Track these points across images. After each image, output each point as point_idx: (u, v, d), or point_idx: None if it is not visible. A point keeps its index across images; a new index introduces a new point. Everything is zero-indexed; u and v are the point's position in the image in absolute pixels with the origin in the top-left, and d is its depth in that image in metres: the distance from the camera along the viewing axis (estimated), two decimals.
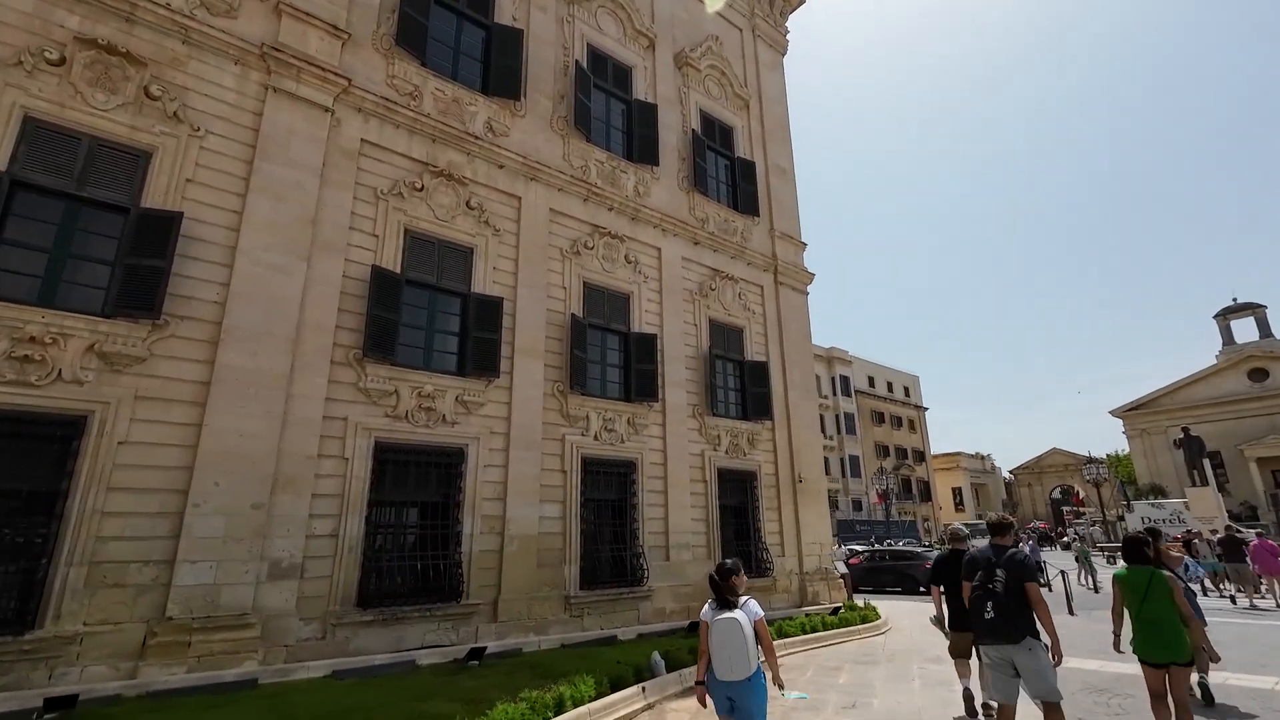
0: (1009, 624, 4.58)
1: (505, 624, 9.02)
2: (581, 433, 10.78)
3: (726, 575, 4.42)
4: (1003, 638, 4.61)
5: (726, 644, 4.06)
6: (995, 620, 4.64)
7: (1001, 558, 4.85)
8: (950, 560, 6.50)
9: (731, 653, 4.03)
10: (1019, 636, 4.55)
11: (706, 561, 11.95)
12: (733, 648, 4.03)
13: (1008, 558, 4.83)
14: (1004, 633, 4.61)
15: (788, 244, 16.19)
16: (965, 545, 6.60)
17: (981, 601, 4.77)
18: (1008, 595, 4.62)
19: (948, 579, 6.39)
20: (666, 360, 12.45)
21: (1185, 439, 23.26)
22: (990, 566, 4.86)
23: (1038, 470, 72.90)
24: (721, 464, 12.87)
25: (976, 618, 4.82)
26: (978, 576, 4.92)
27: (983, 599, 4.76)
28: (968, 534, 6.88)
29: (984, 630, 4.77)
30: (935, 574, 6.65)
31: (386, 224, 9.34)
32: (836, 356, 57.69)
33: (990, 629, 4.70)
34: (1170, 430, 46.78)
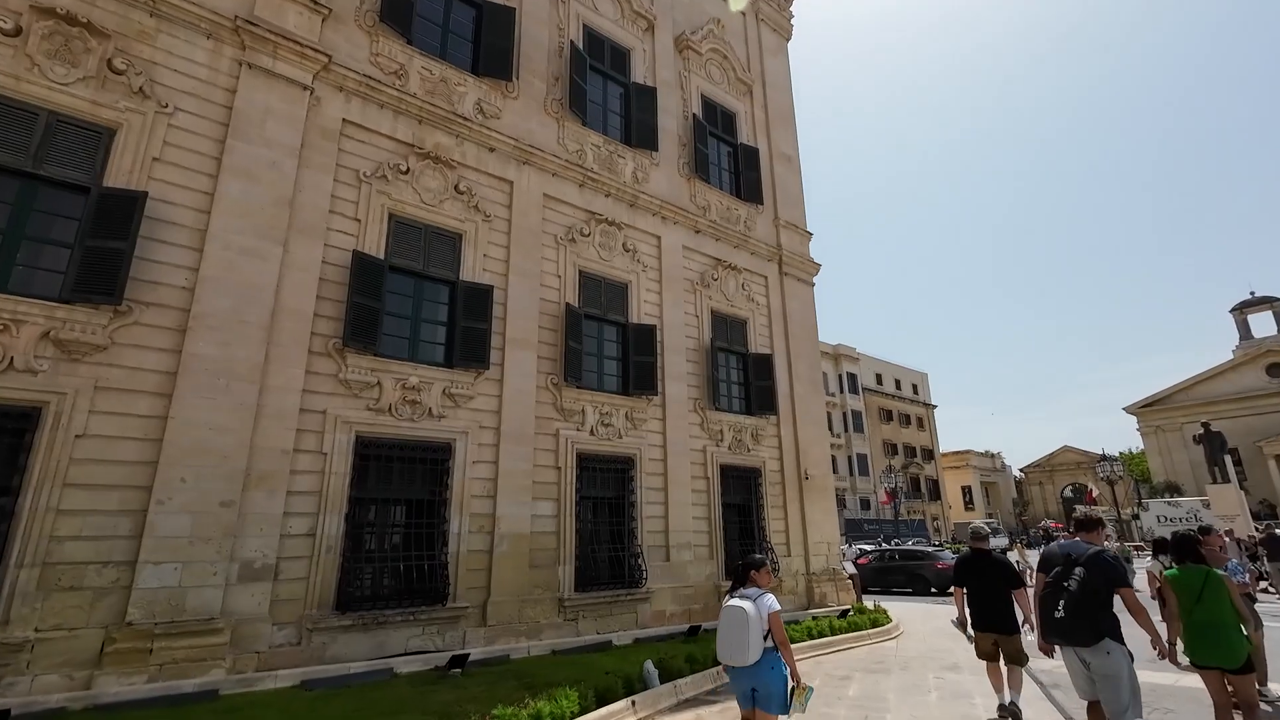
0: (1080, 624, 4.25)
1: (495, 628, 8.56)
2: (577, 427, 10.31)
3: (748, 569, 4.51)
4: (1073, 639, 4.31)
5: (727, 630, 4.16)
6: (1065, 620, 4.30)
7: (1083, 555, 4.46)
8: (973, 560, 6.26)
9: (730, 638, 4.12)
10: (1093, 639, 4.22)
11: (709, 562, 11.47)
12: (732, 633, 4.11)
13: (1092, 556, 4.43)
14: (1074, 633, 4.29)
15: (793, 233, 15.66)
16: (987, 544, 6.34)
17: (1052, 598, 4.43)
18: (1083, 594, 4.28)
19: (970, 580, 6.17)
20: (666, 352, 11.96)
21: (1206, 434, 22.50)
22: (1069, 563, 4.47)
23: (1049, 468, 71.91)
24: (724, 460, 12.37)
25: (1045, 615, 4.49)
26: (1054, 572, 4.55)
27: (1054, 596, 4.43)
28: (989, 532, 6.55)
29: (1051, 628, 4.45)
30: (957, 575, 6.36)
31: (369, 208, 8.90)
32: (844, 353, 56.98)
33: (1058, 628, 4.38)
34: (1186, 427, 45.87)
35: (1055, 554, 4.69)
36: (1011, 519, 68.68)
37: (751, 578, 4.45)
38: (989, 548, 6.37)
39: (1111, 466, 36.09)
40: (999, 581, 5.98)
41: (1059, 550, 4.70)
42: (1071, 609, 4.29)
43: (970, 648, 6.37)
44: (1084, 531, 4.79)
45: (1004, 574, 6.01)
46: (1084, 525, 4.84)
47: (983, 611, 5.97)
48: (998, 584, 5.97)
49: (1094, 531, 4.78)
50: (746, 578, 4.47)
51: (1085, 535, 4.75)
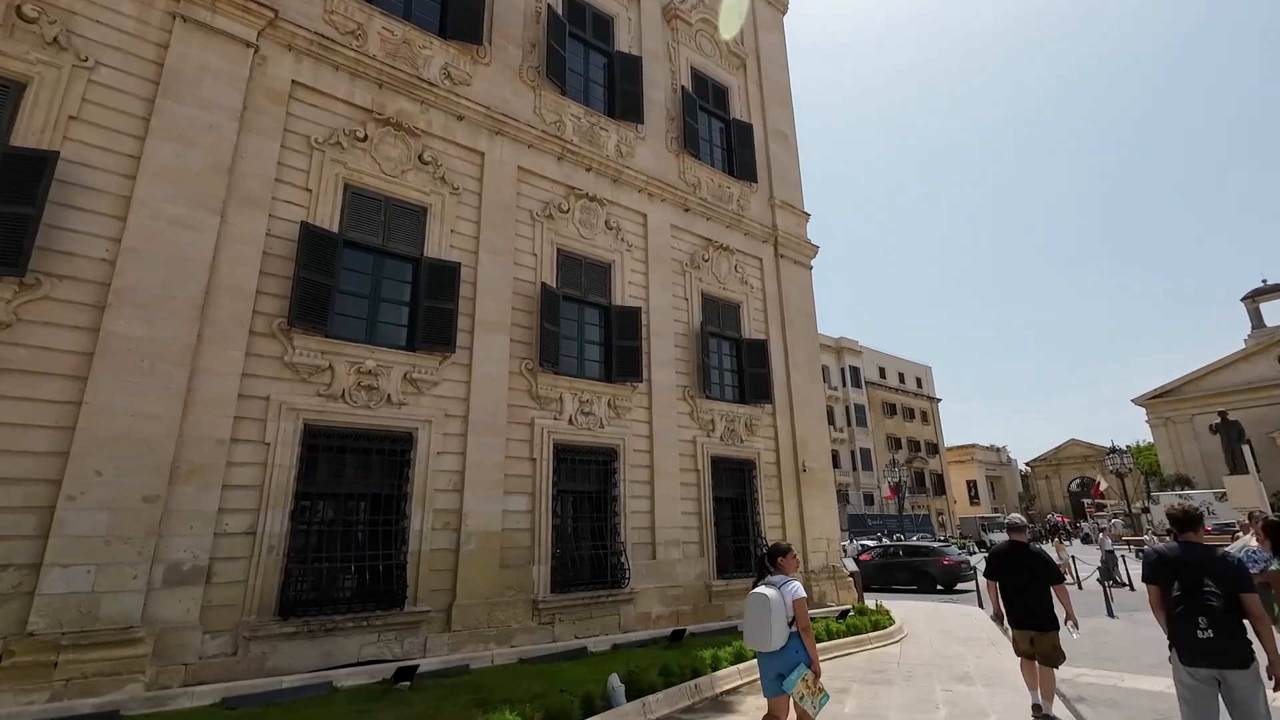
0: (1234, 644, 3.66)
1: (460, 634, 7.84)
2: (554, 416, 9.57)
3: (775, 556, 4.59)
4: (1228, 661, 3.68)
5: (752, 616, 4.26)
6: (1217, 640, 3.67)
7: (1208, 560, 3.89)
8: (1010, 553, 5.90)
9: (755, 624, 4.22)
10: (1247, 660, 3.66)
11: (699, 560, 10.73)
12: (756, 619, 4.22)
13: (1219, 560, 3.88)
14: (1229, 656, 3.67)
15: (789, 214, 14.87)
16: (1025, 536, 5.96)
17: (1191, 616, 3.77)
18: (1227, 607, 3.71)
19: (1006, 574, 5.83)
20: (653, 336, 11.22)
21: (1223, 423, 21.71)
22: (1194, 571, 3.84)
23: (1055, 462, 70.97)
24: (716, 451, 11.62)
25: (1184, 635, 3.80)
26: (1176, 585, 3.89)
27: (1193, 613, 3.77)
28: (1027, 524, 6.08)
29: (1199, 651, 3.76)
30: (991, 568, 5.99)
31: (322, 178, 8.16)
32: (846, 346, 56.17)
33: (1209, 651, 3.72)
34: (1197, 419, 44.92)
35: (1172, 560, 3.99)
36: (1018, 513, 67.82)
37: (779, 564, 4.52)
38: (1027, 540, 5.96)
39: (1122, 459, 35.23)
40: (1038, 576, 5.63)
41: (1171, 555, 4.03)
42: (1221, 626, 3.67)
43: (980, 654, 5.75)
44: (1187, 531, 4.14)
45: (1043, 568, 5.66)
46: (1185, 523, 4.17)
47: (1020, 608, 5.65)
48: (1037, 579, 5.61)
49: (1197, 530, 4.16)
50: (774, 565, 4.54)
51: (1187, 535, 4.11)
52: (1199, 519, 4.22)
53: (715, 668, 6.54)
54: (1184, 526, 4.17)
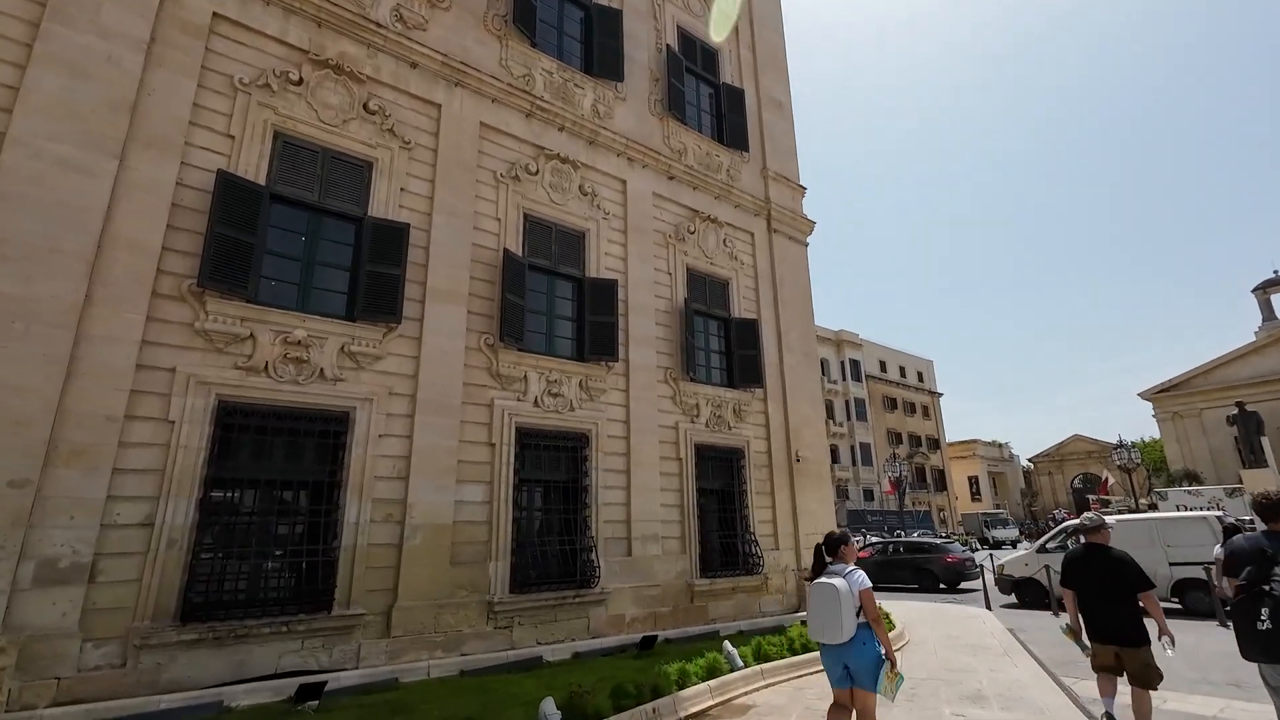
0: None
1: (401, 640, 6.91)
2: (517, 397, 8.63)
3: (836, 545, 4.46)
4: None
5: (819, 607, 4.15)
6: (1275, 632, 3.42)
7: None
8: (1086, 558, 5.12)
9: (823, 615, 4.10)
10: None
11: (680, 557, 9.79)
12: (825, 610, 4.10)
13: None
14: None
15: (783, 186, 13.88)
16: (1104, 537, 5.13)
17: (1252, 606, 3.55)
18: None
19: (1084, 581, 5.06)
20: (632, 312, 10.26)
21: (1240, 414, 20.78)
22: (1266, 561, 3.61)
23: (1058, 458, 69.88)
24: (701, 439, 10.67)
25: (1244, 626, 3.61)
26: (1245, 573, 3.69)
27: (1253, 603, 3.55)
28: (1102, 523, 5.21)
29: (1256, 644, 3.54)
30: (1067, 575, 5.22)
31: (248, 123, 7.20)
32: (846, 339, 55.17)
33: (1266, 643, 3.48)
34: (1206, 413, 43.85)
35: (1245, 550, 3.80)
36: (1020, 510, 66.87)
37: (840, 553, 4.41)
38: (1106, 541, 5.12)
39: (1129, 453, 34.22)
40: (1123, 583, 4.86)
41: (1249, 545, 3.81)
42: None
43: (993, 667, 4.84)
44: (1271, 521, 3.84)
45: (1129, 574, 4.88)
46: (1271, 512, 3.86)
47: (1101, 619, 4.90)
48: (1121, 586, 4.85)
49: None
50: (835, 553, 4.42)
51: (1275, 524, 3.82)
52: None
53: (682, 685, 5.60)
54: (1270, 516, 3.84)
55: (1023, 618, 11.18)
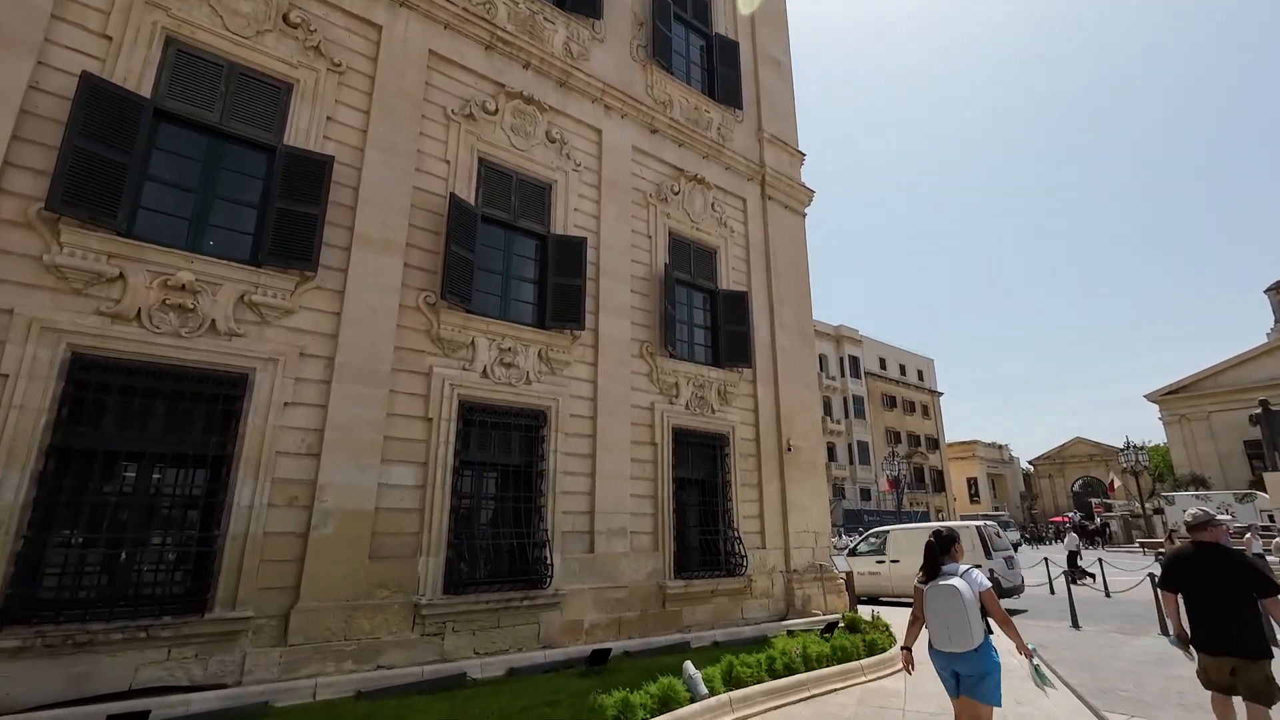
0: None
1: (300, 650, 5.71)
2: (462, 365, 7.42)
3: (950, 544, 4.15)
4: None
5: (944, 612, 3.84)
6: None
7: None
8: (1195, 557, 4.57)
9: (950, 621, 3.81)
10: None
11: (651, 555, 8.60)
12: (951, 616, 3.80)
13: None
14: None
15: (780, 151, 12.66)
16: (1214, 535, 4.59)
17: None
18: None
19: (1191, 584, 4.55)
20: (604, 277, 9.05)
21: (1264, 413, 19.60)
22: None
23: (1059, 461, 68.84)
24: (680, 422, 9.47)
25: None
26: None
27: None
28: (1209, 518, 4.68)
29: None
30: (1170, 577, 4.74)
31: (130, 23, 5.99)
32: (846, 335, 53.99)
33: None
34: (1214, 416, 42.70)
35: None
36: (1019, 512, 65.80)
37: (952, 553, 4.14)
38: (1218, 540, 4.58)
39: (1137, 455, 33.08)
40: (1239, 586, 4.32)
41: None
42: None
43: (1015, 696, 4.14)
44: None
45: (1247, 576, 4.32)
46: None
47: (1213, 628, 4.35)
48: (1237, 590, 4.31)
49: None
50: (948, 552, 4.14)
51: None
52: None
53: None
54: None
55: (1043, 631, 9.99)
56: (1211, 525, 4.63)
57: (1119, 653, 7.96)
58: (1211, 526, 4.63)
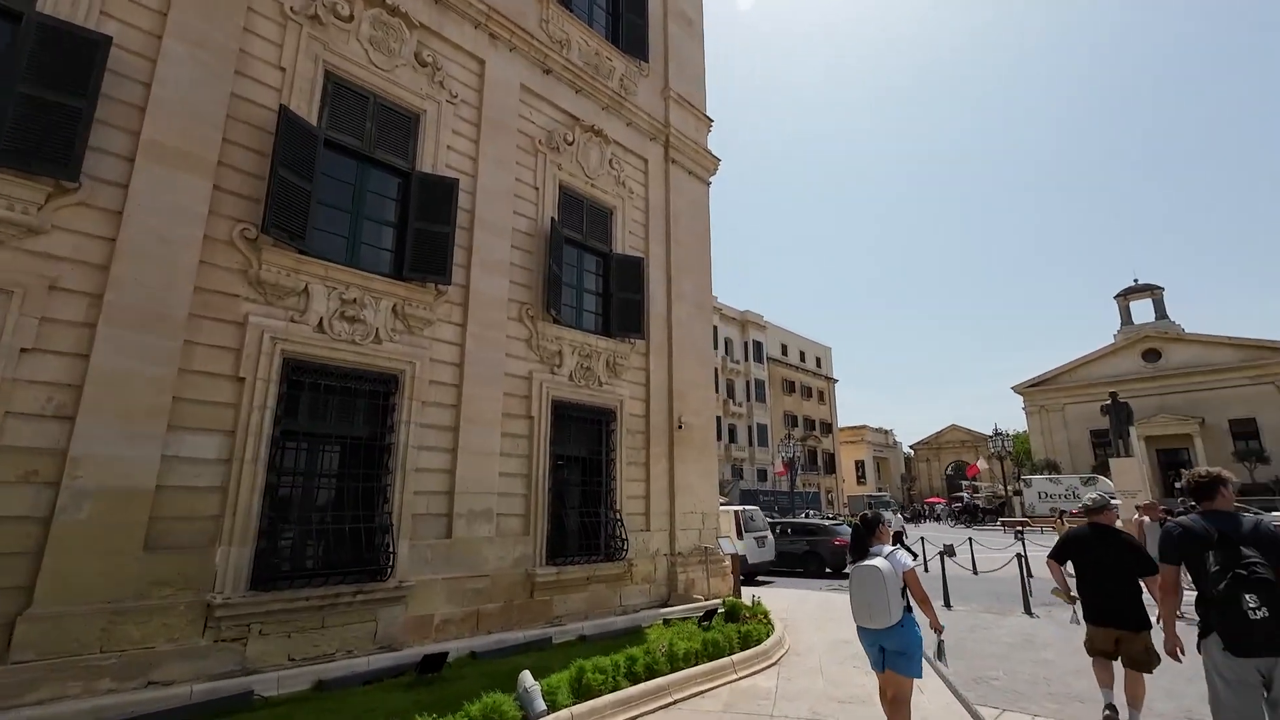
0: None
1: (30, 668, 4.41)
2: (290, 316, 6.16)
3: (875, 526, 4.38)
4: None
5: (866, 591, 4.05)
6: (1272, 621, 2.94)
7: (1241, 529, 3.25)
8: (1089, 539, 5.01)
9: (870, 599, 4.01)
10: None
11: (522, 539, 7.74)
12: (872, 594, 4.01)
13: (1254, 529, 3.25)
14: None
15: (687, 113, 11.95)
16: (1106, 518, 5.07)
17: (1237, 592, 3.04)
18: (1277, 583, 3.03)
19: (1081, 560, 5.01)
20: (479, 227, 7.97)
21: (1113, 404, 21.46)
22: (1230, 543, 3.18)
23: (936, 446, 74.31)
24: (562, 394, 8.62)
25: (1233, 619, 3.03)
26: (1213, 558, 3.20)
27: (1238, 589, 3.04)
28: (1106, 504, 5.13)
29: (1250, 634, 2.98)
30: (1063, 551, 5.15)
31: None
32: (751, 320, 55.09)
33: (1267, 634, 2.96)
34: (1069, 408, 47.34)
35: (1197, 532, 3.35)
36: (900, 493, 70.61)
37: (877, 534, 4.34)
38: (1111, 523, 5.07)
39: (1002, 442, 35.92)
40: (1126, 566, 4.77)
41: (1200, 527, 3.37)
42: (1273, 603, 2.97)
43: None
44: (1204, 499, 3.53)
45: (1133, 557, 4.79)
46: (1203, 490, 3.55)
47: (1102, 602, 4.84)
48: (1124, 569, 4.77)
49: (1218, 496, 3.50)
50: (873, 533, 4.34)
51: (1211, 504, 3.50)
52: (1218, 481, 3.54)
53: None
54: (1203, 494, 3.57)
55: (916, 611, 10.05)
56: (1106, 510, 5.11)
57: (990, 635, 8.02)
58: (1106, 511, 5.11)
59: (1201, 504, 3.61)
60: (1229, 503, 3.55)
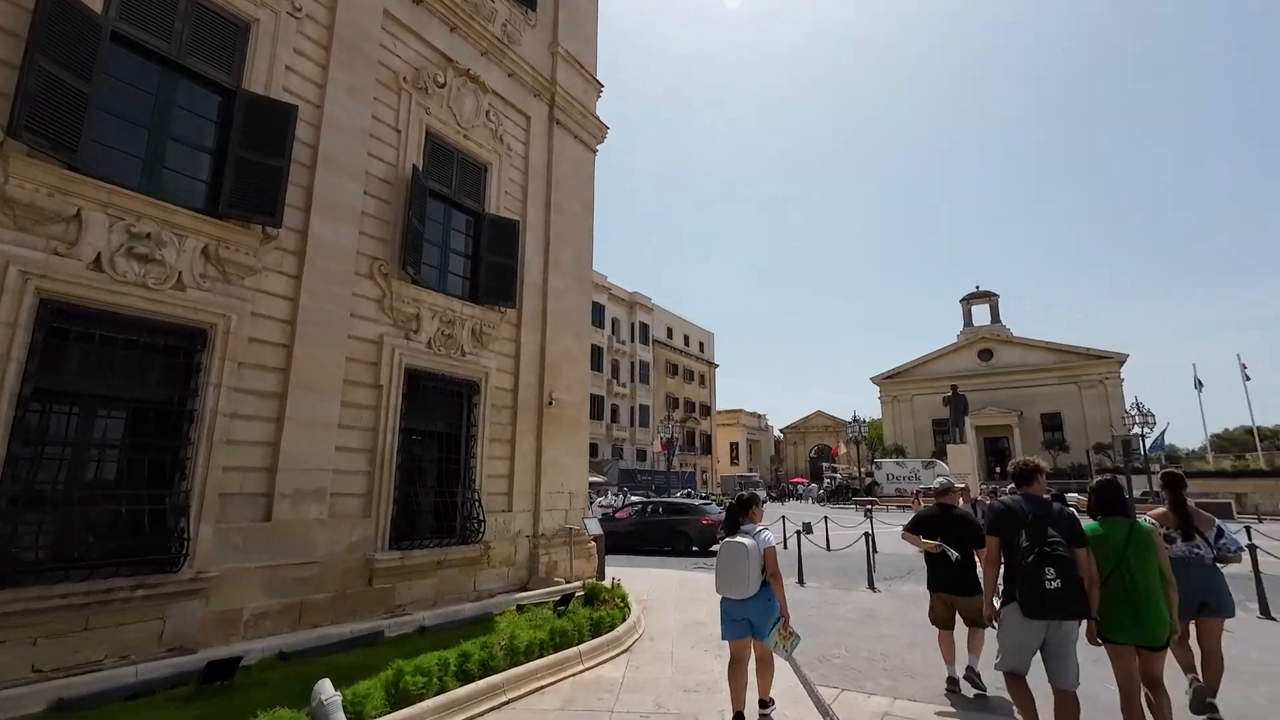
0: (1077, 597, 3.62)
1: None
2: (53, 249, 4.93)
3: (748, 506, 4.68)
4: (1070, 613, 3.64)
5: (727, 564, 4.37)
6: (1062, 592, 3.59)
7: (1049, 512, 3.87)
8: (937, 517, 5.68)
9: (731, 572, 4.33)
10: (1086, 611, 3.67)
11: (359, 522, 6.93)
12: (733, 567, 4.32)
13: (1058, 513, 3.87)
14: (1072, 607, 3.62)
15: (575, 73, 11.31)
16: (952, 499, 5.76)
17: (1040, 566, 3.65)
18: (1072, 559, 3.67)
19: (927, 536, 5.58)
20: (324, 165, 6.92)
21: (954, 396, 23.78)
22: (1039, 523, 3.78)
23: (803, 430, 79.52)
24: (419, 363, 7.82)
25: (1032, 586, 3.65)
26: (1024, 535, 3.79)
27: (1041, 563, 3.65)
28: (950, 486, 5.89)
29: (1045, 601, 3.62)
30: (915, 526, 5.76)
31: None
32: (639, 302, 55.49)
33: (1056, 601, 3.61)
34: (916, 398, 52.31)
35: (1018, 511, 3.94)
36: (769, 473, 74.93)
37: (751, 514, 4.63)
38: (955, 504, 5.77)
39: (860, 428, 38.88)
40: (963, 540, 5.39)
41: (1019, 507, 3.97)
42: (1067, 578, 3.62)
43: None
44: (1024, 484, 4.13)
45: (969, 531, 5.44)
46: (1022, 477, 4.15)
47: (943, 572, 5.45)
48: (962, 543, 5.39)
49: (1034, 482, 4.12)
50: (746, 513, 4.63)
51: (1028, 488, 4.10)
52: (1036, 470, 4.16)
53: None
54: (1021, 480, 4.13)
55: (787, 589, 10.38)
56: (951, 491, 5.80)
57: (836, 611, 8.35)
58: (950, 493, 5.79)
59: (1021, 488, 4.13)
60: (1042, 489, 4.12)
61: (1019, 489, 4.16)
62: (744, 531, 4.49)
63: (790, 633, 4.31)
